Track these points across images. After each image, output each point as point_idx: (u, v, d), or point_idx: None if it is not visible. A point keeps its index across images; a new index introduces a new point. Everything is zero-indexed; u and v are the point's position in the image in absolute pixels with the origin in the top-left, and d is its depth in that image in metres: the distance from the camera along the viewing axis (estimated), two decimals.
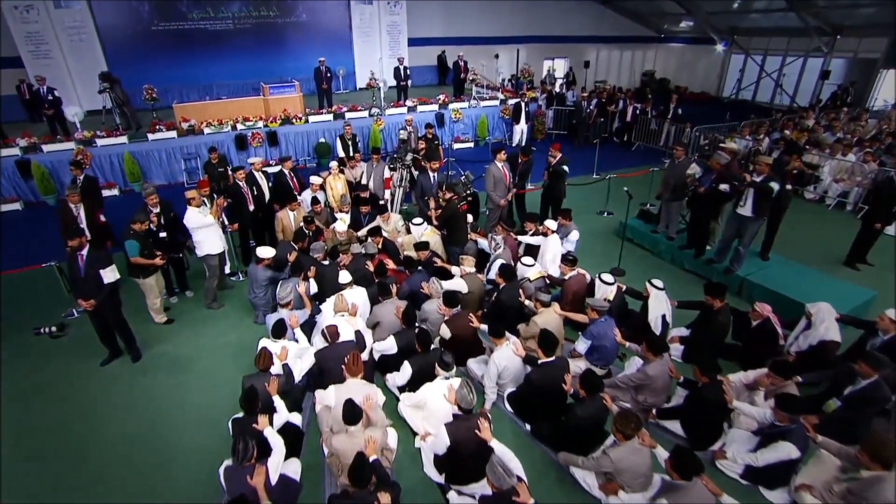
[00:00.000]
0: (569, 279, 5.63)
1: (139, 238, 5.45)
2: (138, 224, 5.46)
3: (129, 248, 5.40)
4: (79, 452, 4.25)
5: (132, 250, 5.41)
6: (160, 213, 5.93)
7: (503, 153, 7.33)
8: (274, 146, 11.81)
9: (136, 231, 5.44)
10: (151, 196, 5.84)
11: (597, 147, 11.62)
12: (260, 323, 5.89)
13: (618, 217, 9.09)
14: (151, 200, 5.83)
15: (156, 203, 5.88)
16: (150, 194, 5.84)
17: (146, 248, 5.54)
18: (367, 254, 6.12)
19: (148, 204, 5.82)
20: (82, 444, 4.32)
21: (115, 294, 4.89)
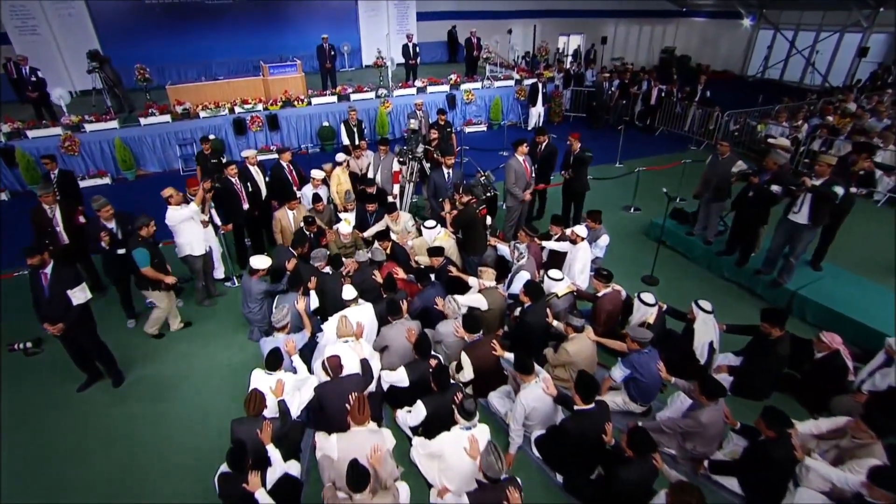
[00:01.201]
0: (602, 296, 4.99)
1: (148, 245, 4.96)
2: (145, 229, 4.97)
3: (139, 258, 4.88)
4: (48, 498, 3.74)
5: (142, 259, 4.89)
6: (117, 227, 5.20)
7: (525, 146, 6.60)
8: (274, 130, 11.09)
9: (143, 238, 4.94)
10: (105, 209, 5.08)
11: (621, 133, 10.76)
12: (255, 340, 5.32)
13: (647, 214, 8.38)
14: (105, 213, 5.08)
15: (110, 216, 5.14)
16: (103, 206, 5.07)
17: (156, 257, 5.04)
18: (373, 261, 5.50)
19: (101, 218, 5.09)
20: (51, 490, 3.81)
21: (87, 315, 4.32)
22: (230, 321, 5.69)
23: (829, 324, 5.34)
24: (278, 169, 6.94)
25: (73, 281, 4.07)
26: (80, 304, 4.13)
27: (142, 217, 5.00)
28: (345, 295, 4.78)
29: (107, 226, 5.08)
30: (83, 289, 4.15)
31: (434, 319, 5.09)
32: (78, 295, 4.08)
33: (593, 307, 5.12)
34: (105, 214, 5.05)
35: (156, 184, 9.82)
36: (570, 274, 5.63)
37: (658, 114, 13.04)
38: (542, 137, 7.44)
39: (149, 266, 5.00)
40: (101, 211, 5.03)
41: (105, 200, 5.10)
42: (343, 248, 6.45)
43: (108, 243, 5.02)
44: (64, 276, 4.06)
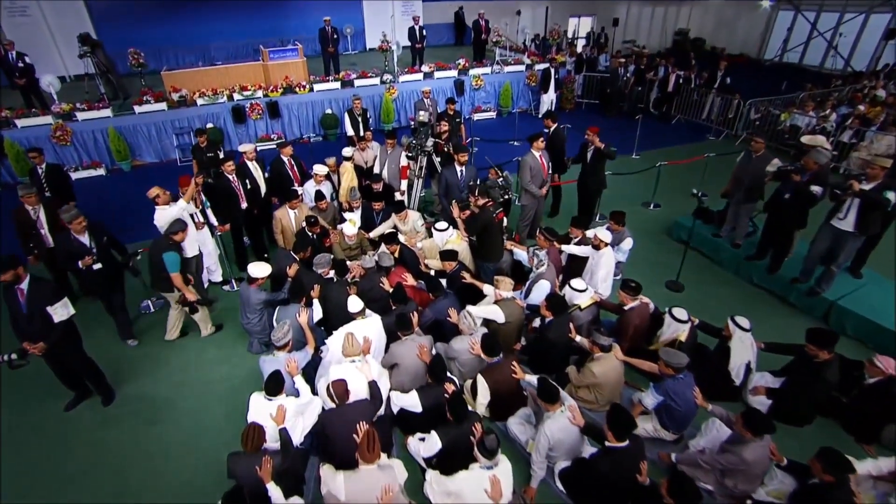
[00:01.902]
0: (629, 310, 4.61)
1: (179, 249, 4.77)
2: (181, 234, 4.80)
3: (170, 261, 4.64)
4: None
5: (173, 264, 4.65)
6: (91, 242, 4.59)
7: (541, 141, 6.15)
8: (275, 119, 10.63)
9: (175, 241, 4.73)
10: (77, 220, 4.43)
11: (638, 122, 10.23)
12: (254, 353, 4.99)
13: (667, 210, 7.95)
14: (77, 226, 4.45)
15: (82, 229, 4.50)
16: (74, 218, 4.42)
17: (184, 263, 4.84)
18: (381, 267, 5.12)
19: (73, 232, 4.49)
20: None
21: (71, 332, 3.97)
22: (228, 330, 5.35)
23: (871, 337, 4.97)
24: (278, 164, 6.53)
25: (52, 296, 3.71)
26: (64, 321, 3.78)
27: (176, 223, 4.80)
28: (351, 307, 4.42)
29: (79, 240, 4.49)
30: (65, 304, 3.80)
31: (447, 333, 4.74)
32: (59, 311, 3.73)
33: (619, 321, 4.74)
34: (77, 227, 4.44)
35: (153, 174, 9.48)
36: (591, 281, 5.25)
37: (675, 101, 12.46)
38: (551, 122, 7.06)
39: (178, 272, 4.72)
40: (73, 223, 4.41)
41: (77, 212, 4.46)
42: (348, 250, 6.07)
43: (88, 264, 4.50)
44: (42, 291, 3.69)
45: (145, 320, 5.51)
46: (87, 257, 4.42)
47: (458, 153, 5.65)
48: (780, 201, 5.46)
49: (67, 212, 4.37)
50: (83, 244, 4.43)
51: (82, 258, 4.37)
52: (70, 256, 4.38)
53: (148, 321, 5.50)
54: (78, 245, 4.38)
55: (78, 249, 4.37)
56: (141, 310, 5.62)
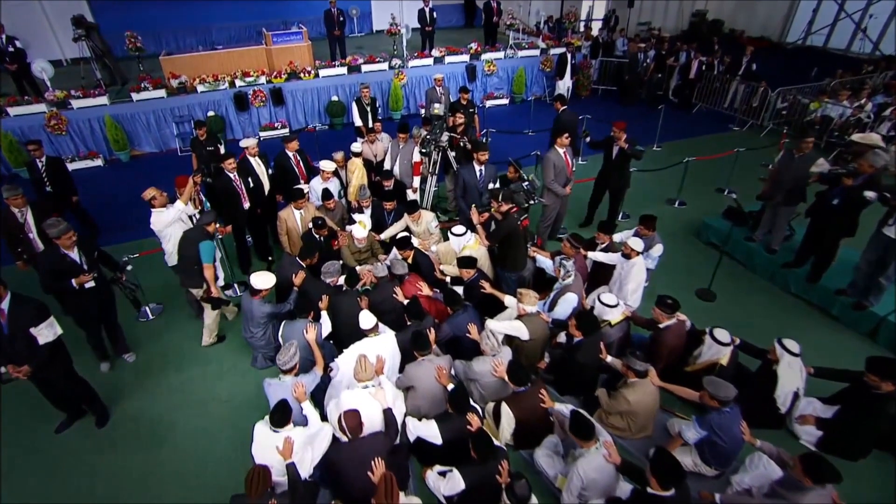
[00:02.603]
0: (665, 329, 4.23)
1: (213, 239, 4.60)
2: (213, 225, 4.61)
3: (205, 251, 4.45)
4: None
5: (208, 254, 4.47)
6: (80, 257, 4.08)
7: (566, 137, 5.71)
8: (279, 106, 10.17)
9: (209, 232, 4.56)
10: (66, 235, 3.93)
11: (661, 112, 9.70)
12: (259, 368, 4.67)
13: (693, 209, 7.51)
14: (66, 241, 3.95)
15: (72, 244, 4.00)
16: (63, 233, 3.91)
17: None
18: (394, 275, 4.76)
19: (61, 247, 3.97)
20: None
21: (59, 353, 3.64)
22: (230, 341, 5.03)
23: None
24: (283, 159, 6.13)
25: (35, 317, 3.38)
26: (50, 342, 3.45)
27: (207, 213, 4.62)
28: (363, 323, 4.08)
29: (70, 256, 4.00)
30: (50, 325, 3.46)
31: (465, 349, 4.40)
32: (44, 332, 3.40)
33: (653, 339, 4.37)
34: (67, 242, 3.94)
35: (153, 165, 9.10)
36: (620, 293, 4.87)
37: (697, 89, 11.87)
38: (560, 105, 6.96)
39: (212, 263, 4.50)
40: (63, 238, 3.91)
41: (66, 226, 3.92)
42: (357, 254, 5.71)
43: (83, 283, 4.03)
44: (25, 311, 3.36)
45: (144, 330, 5.18)
46: (81, 275, 4.01)
47: (478, 151, 5.22)
48: (827, 206, 5.03)
49: (55, 226, 3.87)
50: (74, 261, 4.01)
51: (75, 276, 3.95)
52: (58, 275, 3.94)
53: (147, 331, 5.17)
54: (70, 262, 3.97)
55: (69, 266, 3.96)
56: (139, 318, 5.30)
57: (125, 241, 6.63)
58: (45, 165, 6.09)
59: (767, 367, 4.03)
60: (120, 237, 6.75)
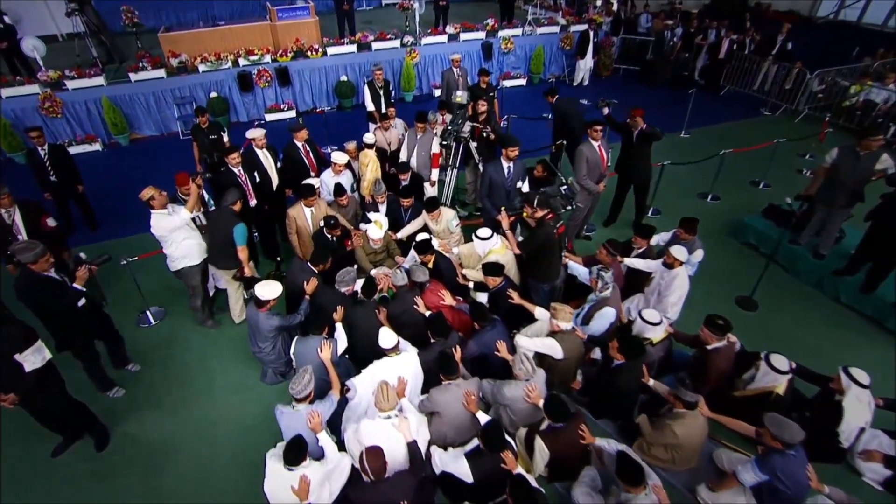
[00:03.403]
0: (714, 351, 3.85)
1: (242, 218, 4.51)
2: (237, 204, 4.49)
3: (239, 234, 4.37)
4: None
5: (242, 236, 4.39)
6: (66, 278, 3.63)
7: (600, 129, 5.23)
8: (285, 86, 9.63)
9: (237, 213, 4.46)
10: (44, 259, 3.45)
11: (691, 95, 9.06)
12: (269, 383, 4.34)
13: (727, 204, 7.03)
14: (44, 264, 3.48)
15: (50, 265, 3.54)
16: (40, 257, 3.43)
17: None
18: (414, 283, 4.38)
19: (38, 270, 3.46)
20: None
21: (49, 377, 3.30)
22: (237, 350, 4.69)
23: None
24: (292, 150, 5.68)
25: (20, 342, 3.03)
26: (38, 370, 3.12)
27: (230, 192, 4.47)
28: (383, 342, 3.71)
29: (53, 278, 3.50)
30: (38, 350, 3.13)
31: (493, 368, 4.05)
32: (31, 359, 3.07)
33: (698, 360, 3.99)
34: (44, 266, 3.43)
35: (153, 149, 8.66)
36: (659, 304, 4.49)
37: (726, 70, 11.17)
38: (551, 97, 6.78)
39: (246, 245, 4.45)
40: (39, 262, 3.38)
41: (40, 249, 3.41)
42: (372, 255, 5.32)
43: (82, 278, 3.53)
44: (7, 337, 3.01)
45: (145, 337, 4.85)
46: (78, 271, 3.62)
47: (507, 146, 4.73)
48: (893, 209, 4.56)
49: (28, 250, 3.36)
50: (57, 279, 3.58)
51: (64, 296, 3.50)
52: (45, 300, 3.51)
53: (148, 339, 4.84)
54: (55, 283, 3.51)
55: (55, 288, 3.50)
56: (140, 323, 4.97)
57: (126, 234, 6.27)
58: (48, 154, 5.70)
59: (829, 395, 3.65)
60: (120, 231, 6.38)
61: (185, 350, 4.68)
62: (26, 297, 3.46)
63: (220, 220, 4.48)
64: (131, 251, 5.29)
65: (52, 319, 3.64)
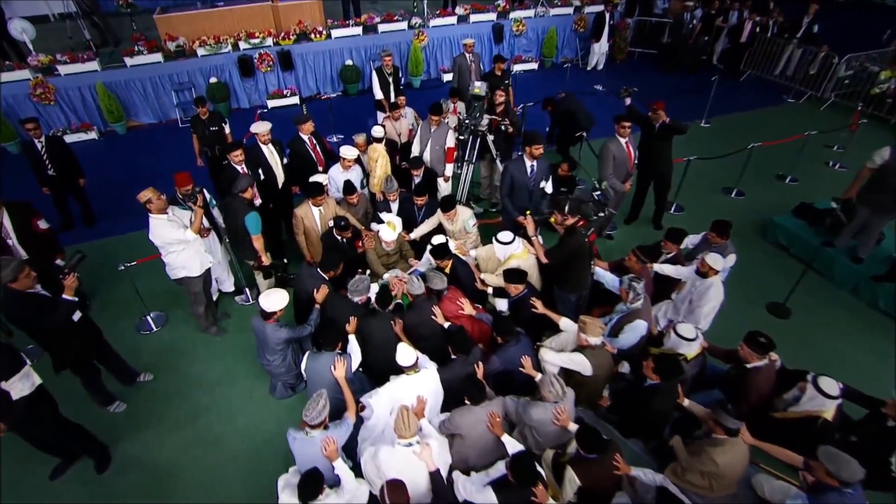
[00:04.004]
0: (754, 370, 3.59)
1: (255, 207, 4.40)
2: (248, 192, 4.36)
3: (251, 223, 4.25)
4: None
5: (254, 225, 4.27)
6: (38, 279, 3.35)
7: (628, 126, 4.89)
8: (287, 71, 9.21)
9: (248, 201, 4.36)
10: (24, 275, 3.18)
11: (714, 82, 8.63)
12: (279, 397, 4.11)
13: (753, 200, 6.72)
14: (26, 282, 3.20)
15: (33, 280, 3.28)
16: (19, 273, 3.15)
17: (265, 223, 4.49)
18: (432, 291, 4.12)
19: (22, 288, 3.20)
20: None
21: (40, 403, 3.04)
22: (244, 360, 4.45)
23: None
24: (298, 144, 5.36)
25: (6, 369, 2.77)
26: (26, 398, 2.87)
27: (242, 179, 4.31)
28: (401, 359, 3.47)
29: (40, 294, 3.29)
30: (26, 376, 2.88)
31: (516, 383, 3.80)
32: (18, 387, 2.81)
33: (736, 379, 3.74)
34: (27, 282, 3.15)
35: (152, 137, 8.31)
36: (690, 315, 4.25)
37: (748, 54, 10.70)
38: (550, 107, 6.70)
39: (261, 234, 4.34)
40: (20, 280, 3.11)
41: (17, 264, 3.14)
42: (385, 257, 5.05)
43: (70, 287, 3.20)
44: None
45: (146, 345, 4.60)
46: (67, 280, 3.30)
47: (532, 144, 4.39)
48: None
49: (3, 268, 3.07)
50: (44, 295, 3.31)
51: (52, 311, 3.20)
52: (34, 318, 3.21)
53: (150, 347, 4.60)
54: (42, 299, 3.25)
55: (41, 304, 3.22)
56: (140, 329, 4.72)
57: (125, 231, 5.98)
58: (45, 146, 5.38)
59: (878, 419, 3.41)
60: (118, 226, 6.09)
61: (188, 360, 4.44)
62: (13, 318, 3.19)
63: (233, 208, 4.39)
64: (129, 252, 5.04)
65: (45, 338, 3.38)
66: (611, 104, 8.50)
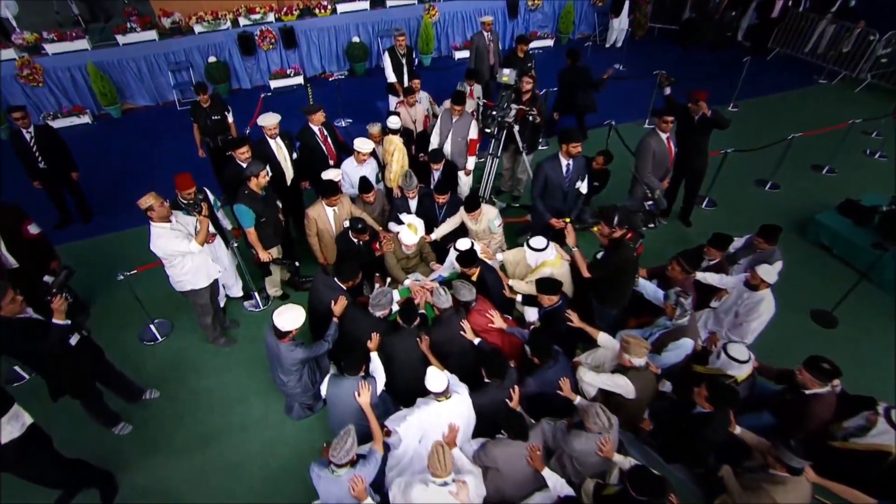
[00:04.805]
0: (813, 397, 3.30)
1: (254, 201, 3.95)
2: (255, 179, 3.92)
3: (242, 216, 3.93)
4: None
5: (245, 218, 3.93)
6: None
7: (671, 121, 4.48)
8: (291, 49, 8.67)
9: (251, 191, 3.94)
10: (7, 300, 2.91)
11: (745, 63, 8.09)
12: (296, 418, 3.83)
13: (789, 192, 6.33)
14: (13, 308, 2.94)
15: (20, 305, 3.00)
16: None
17: (264, 215, 4.06)
18: (460, 303, 3.80)
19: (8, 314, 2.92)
20: None
21: (32, 443, 2.74)
22: (256, 374, 4.15)
23: None
24: (308, 136, 4.95)
25: None
26: (16, 441, 2.57)
27: (253, 165, 3.89)
28: (431, 385, 3.17)
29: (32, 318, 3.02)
30: (14, 417, 2.58)
31: (552, 404, 3.53)
32: (6, 429, 2.52)
33: (791, 403, 3.44)
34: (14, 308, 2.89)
35: (149, 120, 7.86)
36: (736, 329, 3.96)
37: (778, 31, 10.09)
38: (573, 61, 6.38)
39: (253, 228, 4.00)
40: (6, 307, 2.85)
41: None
42: (405, 260, 4.71)
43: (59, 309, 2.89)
44: None
45: (151, 358, 4.30)
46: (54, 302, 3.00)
47: (569, 142, 3.97)
48: None
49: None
50: (36, 319, 3.00)
51: (44, 335, 2.91)
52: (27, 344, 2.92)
53: (155, 359, 4.30)
54: (34, 324, 2.93)
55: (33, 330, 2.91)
56: (144, 340, 4.42)
57: (123, 227, 5.62)
58: (35, 137, 4.97)
59: None
60: (117, 221, 5.73)
61: (196, 373, 4.15)
62: (4, 347, 2.87)
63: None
64: (129, 252, 4.71)
65: (41, 366, 3.07)
66: (634, 86, 8.00)
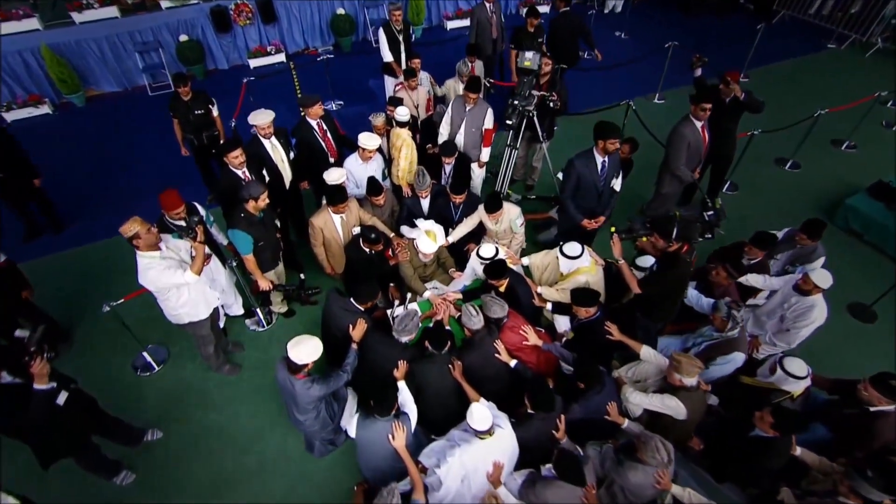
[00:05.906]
0: (879, 415, 3.09)
1: (251, 225, 3.58)
2: (252, 202, 3.51)
3: (239, 243, 3.60)
4: None
5: (243, 245, 3.59)
6: None
7: (709, 108, 4.08)
8: (270, 23, 7.90)
9: (248, 213, 3.55)
10: None
11: (759, 31, 7.61)
12: (319, 457, 3.49)
13: (811, 172, 6.06)
14: None
15: None
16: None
17: (262, 238, 3.70)
18: (491, 321, 3.46)
19: None
20: None
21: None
22: (267, 402, 3.77)
23: None
24: (305, 132, 4.42)
25: None
26: None
27: (253, 187, 3.50)
28: (475, 423, 2.85)
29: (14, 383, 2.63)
30: None
31: (596, 429, 3.26)
32: None
33: (854, 420, 3.24)
34: None
35: (117, 109, 7.12)
36: (782, 335, 3.71)
37: None
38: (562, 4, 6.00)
39: (251, 254, 3.65)
40: None
41: None
42: (421, 269, 4.32)
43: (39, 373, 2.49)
44: None
45: (150, 392, 3.87)
46: (33, 364, 2.57)
47: (607, 138, 3.54)
48: None
49: None
50: (14, 388, 2.56)
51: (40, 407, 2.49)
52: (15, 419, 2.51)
53: (153, 392, 3.87)
54: (11, 391, 2.50)
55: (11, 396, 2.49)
56: (138, 371, 3.98)
57: (100, 237, 5.06)
58: None
59: None
60: (91, 230, 5.16)
61: (201, 407, 3.75)
62: None
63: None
64: (109, 265, 4.19)
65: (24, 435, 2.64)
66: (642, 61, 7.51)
